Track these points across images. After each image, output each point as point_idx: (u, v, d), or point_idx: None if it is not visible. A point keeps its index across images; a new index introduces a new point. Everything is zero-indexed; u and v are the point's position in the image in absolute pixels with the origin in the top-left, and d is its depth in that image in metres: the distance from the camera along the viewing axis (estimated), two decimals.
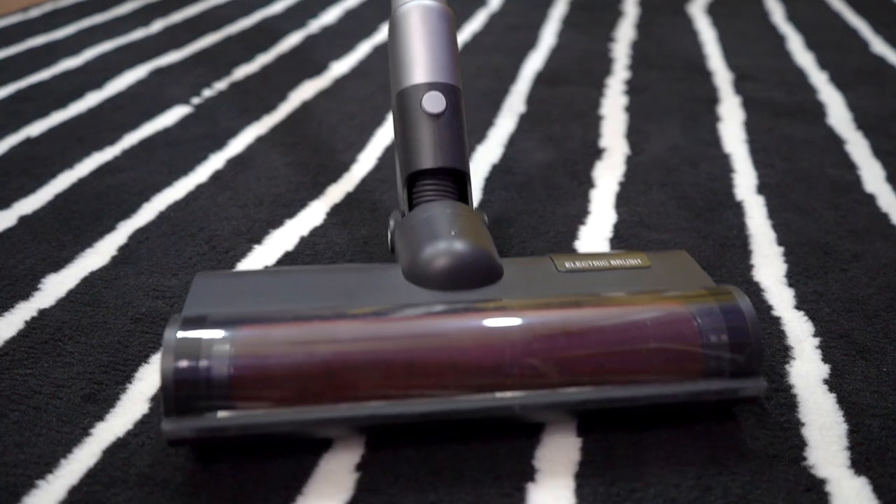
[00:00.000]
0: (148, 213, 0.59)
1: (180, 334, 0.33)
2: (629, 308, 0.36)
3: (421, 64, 0.44)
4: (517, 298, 0.36)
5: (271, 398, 0.33)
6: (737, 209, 0.60)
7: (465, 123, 0.43)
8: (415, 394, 0.34)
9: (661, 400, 0.35)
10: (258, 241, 0.55)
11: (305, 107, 0.81)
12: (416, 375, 0.34)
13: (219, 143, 0.71)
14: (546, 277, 0.39)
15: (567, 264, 0.40)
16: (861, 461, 0.36)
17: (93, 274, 0.51)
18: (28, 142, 0.72)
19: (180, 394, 0.32)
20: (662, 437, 0.38)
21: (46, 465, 0.36)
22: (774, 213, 0.59)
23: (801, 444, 0.37)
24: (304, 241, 0.55)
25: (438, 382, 0.34)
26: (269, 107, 0.80)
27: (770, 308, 0.48)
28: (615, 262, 0.41)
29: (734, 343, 0.36)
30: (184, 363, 0.33)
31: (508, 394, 0.34)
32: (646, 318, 0.35)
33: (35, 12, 1.17)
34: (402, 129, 0.44)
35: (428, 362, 0.34)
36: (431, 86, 0.44)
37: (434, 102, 0.43)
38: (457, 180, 0.44)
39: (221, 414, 0.32)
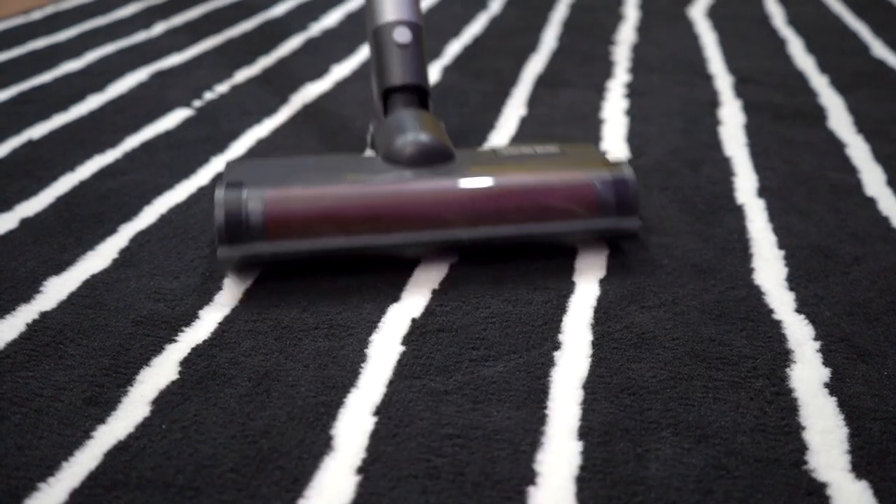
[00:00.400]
0: (149, 215, 0.59)
1: (227, 193, 0.48)
2: (548, 172, 0.52)
3: (391, 6, 0.58)
4: (463, 169, 0.52)
5: (291, 235, 0.49)
6: (737, 212, 0.60)
7: (425, 51, 0.59)
8: (392, 230, 0.50)
9: (571, 230, 0.52)
10: None
11: (306, 110, 0.81)
12: (393, 218, 0.50)
13: (220, 146, 0.72)
14: (487, 159, 0.54)
15: (503, 152, 0.55)
16: (862, 465, 0.36)
17: (94, 276, 0.51)
18: (30, 144, 0.72)
19: (229, 231, 0.48)
20: (664, 440, 0.38)
21: (48, 467, 0.36)
22: (775, 216, 0.59)
23: (801, 447, 0.37)
24: None
25: (409, 223, 0.50)
26: (271, 109, 0.80)
27: (771, 311, 0.48)
28: (538, 149, 0.56)
29: (618, 194, 0.52)
30: (231, 211, 0.48)
31: (460, 230, 0.51)
32: (559, 178, 0.52)
33: (37, 14, 1.17)
34: (377, 56, 0.58)
35: (401, 209, 0.50)
36: (400, 23, 0.58)
37: (402, 35, 0.57)
38: (420, 95, 0.57)
39: (256, 245, 0.49)
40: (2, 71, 0.92)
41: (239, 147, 0.71)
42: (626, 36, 1.09)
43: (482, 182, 0.51)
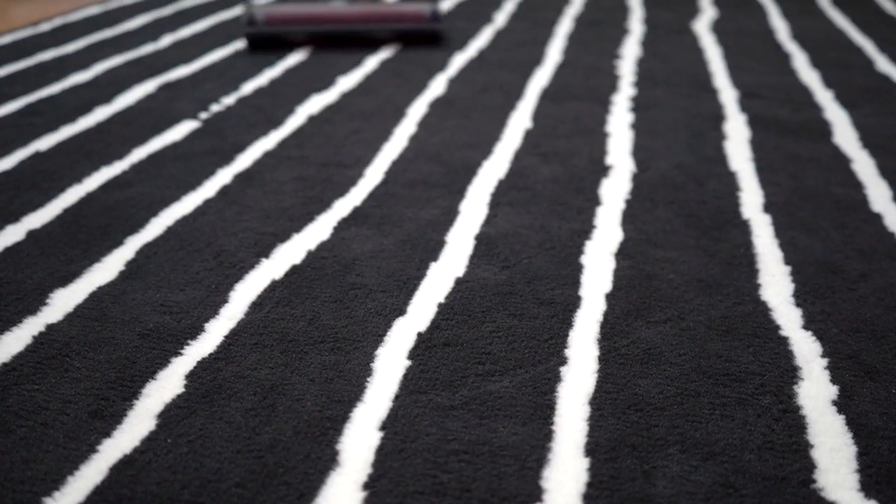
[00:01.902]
0: (156, 227, 0.59)
1: (249, 6, 1.07)
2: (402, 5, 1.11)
3: None
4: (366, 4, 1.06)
5: (279, 24, 1.06)
6: (743, 227, 0.60)
7: None
8: (327, 24, 1.07)
9: (410, 29, 1.09)
10: (266, 255, 0.55)
11: (312, 121, 0.81)
12: (327, 20, 1.07)
13: (226, 158, 0.72)
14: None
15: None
16: (871, 484, 0.36)
17: (100, 289, 0.51)
18: (37, 156, 0.72)
19: (249, 20, 1.05)
20: (672, 458, 0.38)
21: (53, 482, 0.36)
22: (781, 231, 0.59)
23: (810, 466, 0.37)
24: (311, 255, 0.55)
25: (334, 22, 1.07)
26: (277, 121, 0.81)
27: (778, 328, 0.48)
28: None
29: (433, 14, 1.09)
30: (250, 12, 1.06)
31: (358, 26, 1.08)
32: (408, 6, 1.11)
33: (45, 27, 1.18)
34: None
35: (330, 16, 1.07)
36: None
37: None
38: None
39: (262, 27, 1.06)
40: (10, 82, 0.92)
41: (245, 159, 0.71)
42: (630, 50, 1.10)
43: (372, 7, 1.04)
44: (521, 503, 0.35)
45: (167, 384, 0.42)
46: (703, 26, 1.23)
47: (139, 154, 0.72)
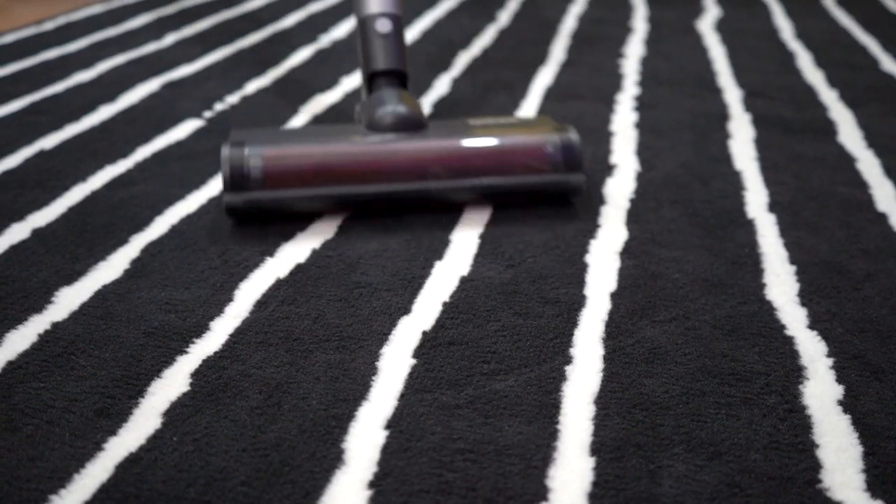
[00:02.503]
0: (160, 226, 0.59)
1: (232, 149, 0.57)
2: (505, 136, 0.61)
3: (375, 0, 0.67)
4: (434, 134, 0.61)
5: (285, 185, 0.58)
6: (748, 227, 0.60)
7: (404, 40, 0.66)
8: (373, 181, 0.59)
9: (526, 183, 0.60)
10: (270, 254, 0.55)
11: (316, 121, 0.81)
12: (372, 171, 0.58)
13: None
14: (456, 128, 0.62)
15: (470, 121, 0.64)
16: (877, 484, 0.36)
17: (105, 287, 0.51)
18: (42, 154, 0.72)
19: (234, 181, 0.57)
20: (677, 457, 0.38)
21: (59, 479, 0.36)
22: (786, 231, 0.59)
23: (815, 466, 0.37)
24: (316, 254, 0.55)
25: (386, 176, 0.59)
26: (281, 121, 0.81)
27: (783, 327, 0.48)
28: (500, 120, 0.64)
29: (566, 154, 0.60)
30: (235, 164, 0.57)
31: (429, 182, 0.59)
32: (514, 140, 0.61)
33: (49, 25, 1.18)
34: (363, 44, 0.66)
35: (379, 164, 0.59)
36: (382, 14, 0.66)
37: (384, 26, 0.65)
38: (400, 78, 0.65)
39: (255, 193, 0.57)
40: (14, 81, 0.92)
41: None
42: (634, 49, 1.09)
43: (448, 143, 0.60)
44: (526, 502, 0.35)
45: (173, 382, 0.42)
46: (707, 25, 1.23)
47: (143, 153, 0.73)
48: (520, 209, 0.62)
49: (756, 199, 0.64)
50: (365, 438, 0.39)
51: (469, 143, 0.60)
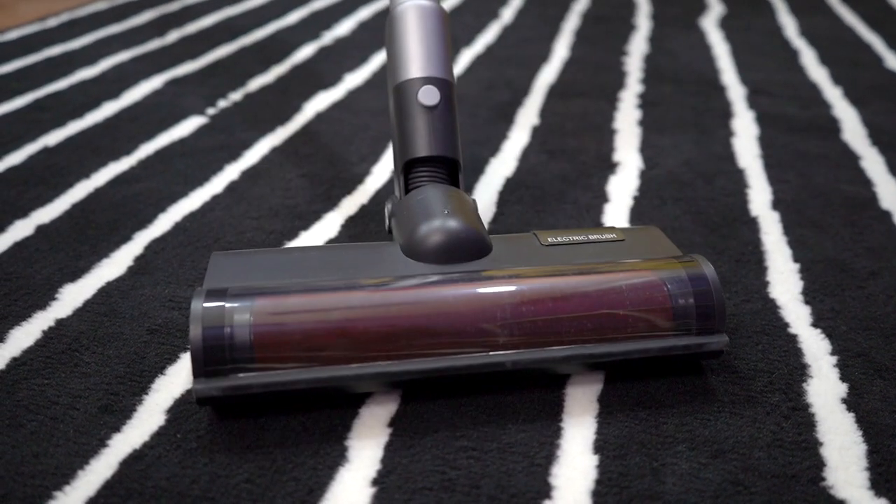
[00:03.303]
0: (164, 223, 0.59)
1: (206, 305, 0.37)
2: (607, 275, 0.41)
3: (417, 59, 0.48)
4: (505, 269, 0.41)
5: (287, 360, 0.37)
6: (752, 225, 0.60)
7: (457, 115, 0.48)
8: (416, 354, 0.38)
9: (637, 354, 0.40)
10: None
11: (320, 118, 0.81)
12: (416, 338, 0.38)
13: (234, 154, 0.72)
14: (531, 251, 0.44)
15: (549, 239, 0.45)
16: (881, 482, 0.36)
17: (109, 284, 0.51)
18: (45, 151, 0.72)
19: (208, 358, 0.36)
20: (680, 455, 0.37)
21: (64, 476, 0.36)
22: (790, 229, 0.59)
23: (819, 464, 0.37)
24: None
25: (437, 343, 0.38)
26: (284, 118, 0.81)
27: (787, 325, 0.48)
28: (592, 237, 0.46)
29: (699, 305, 0.40)
30: (210, 330, 0.37)
31: (501, 352, 0.39)
32: (622, 284, 0.40)
33: (52, 22, 1.18)
34: (399, 119, 0.48)
35: (426, 326, 0.38)
36: (426, 80, 0.48)
37: (429, 95, 0.47)
38: (449, 167, 0.48)
39: (244, 375, 0.37)
40: (18, 78, 0.92)
41: (253, 156, 0.72)
42: (638, 46, 1.09)
43: (531, 288, 0.39)
44: (530, 500, 0.35)
45: (176, 379, 0.42)
46: (710, 23, 1.23)
47: (147, 150, 0.73)
48: (520, 207, 0.62)
49: (759, 197, 0.64)
50: (368, 436, 0.39)
51: (555, 287, 0.40)
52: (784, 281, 0.52)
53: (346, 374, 0.37)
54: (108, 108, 0.83)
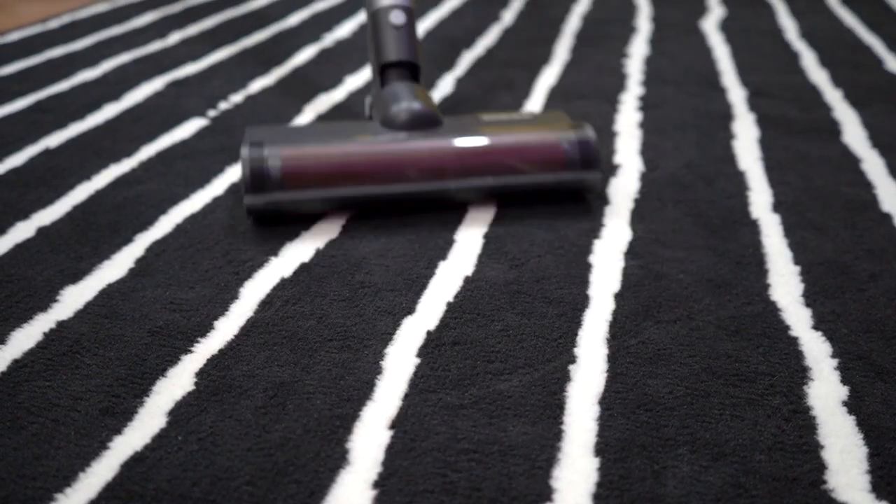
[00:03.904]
0: (165, 225, 0.59)
1: (251, 150, 0.58)
2: (520, 133, 0.61)
3: None
4: (450, 132, 0.61)
5: (305, 186, 0.58)
6: (752, 227, 0.60)
7: (416, 32, 0.67)
8: (392, 181, 0.59)
9: (541, 181, 0.61)
10: (275, 253, 0.55)
11: (320, 119, 0.81)
12: (391, 171, 0.59)
13: (235, 156, 0.72)
14: (471, 124, 0.63)
15: (485, 118, 0.65)
16: (882, 485, 0.36)
17: (110, 286, 0.51)
18: (47, 153, 0.72)
19: (254, 183, 0.57)
20: (681, 458, 0.38)
21: (65, 478, 0.36)
22: (790, 231, 0.59)
23: (820, 467, 0.37)
24: (320, 254, 0.55)
25: (404, 175, 0.59)
26: (285, 120, 0.81)
27: (787, 328, 0.48)
28: (515, 116, 0.65)
29: (581, 151, 0.61)
30: (255, 163, 0.57)
31: (447, 182, 0.59)
32: (530, 137, 0.61)
33: (54, 24, 1.18)
34: (374, 35, 0.66)
35: (397, 164, 0.59)
36: (395, 6, 0.66)
37: (397, 17, 0.65)
38: (412, 70, 0.66)
39: (276, 193, 0.57)
40: (19, 79, 0.93)
41: None
42: (638, 48, 1.09)
43: (465, 141, 0.60)
44: (530, 503, 0.35)
45: (177, 382, 0.42)
46: (711, 25, 1.23)
47: (148, 151, 0.73)
48: (525, 208, 0.62)
49: (760, 199, 0.64)
50: (369, 438, 0.39)
51: (485, 141, 0.60)
52: (785, 283, 0.52)
53: (346, 194, 0.58)
54: (110, 110, 0.83)
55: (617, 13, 1.31)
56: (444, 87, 0.91)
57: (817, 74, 0.98)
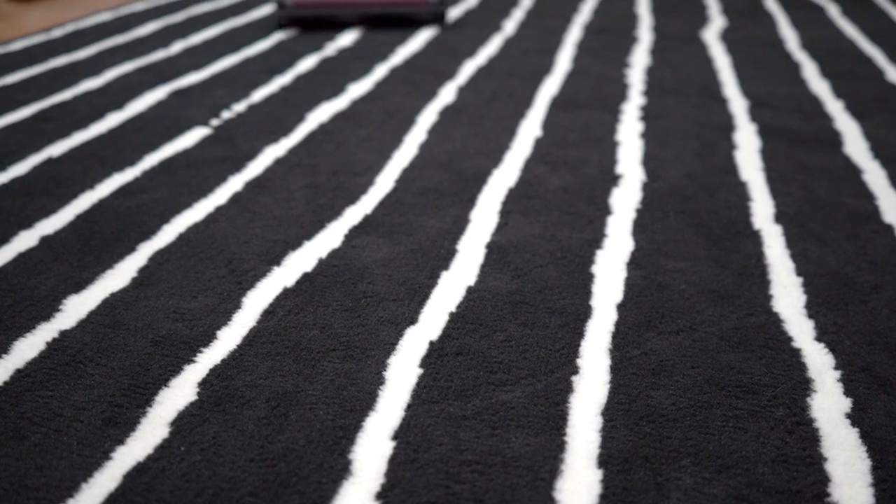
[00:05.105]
0: (168, 234, 0.59)
1: None
2: None
3: None
4: None
5: (308, 7, 1.20)
6: (755, 238, 0.60)
7: None
8: (343, 9, 1.24)
9: (403, 10, 1.21)
10: (277, 262, 0.56)
11: (323, 129, 0.81)
12: (344, 5, 1.21)
13: (238, 165, 0.72)
14: None
15: None
16: (886, 499, 0.36)
17: (113, 295, 0.51)
18: (49, 161, 0.72)
19: (280, 4, 1.20)
20: (685, 470, 0.37)
21: (67, 489, 0.36)
22: (793, 242, 0.59)
23: (824, 479, 0.37)
24: (322, 264, 0.55)
25: (350, 7, 1.20)
26: (287, 129, 0.81)
27: (790, 339, 0.48)
28: None
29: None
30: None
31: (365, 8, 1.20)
32: None
33: (57, 33, 1.19)
34: None
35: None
36: None
37: None
38: None
39: (289, 10, 1.20)
40: (23, 88, 0.93)
41: (256, 167, 0.72)
42: (640, 59, 1.10)
43: None
44: None
45: (180, 392, 0.42)
46: (712, 35, 1.23)
47: (151, 161, 0.73)
48: (525, 218, 0.62)
49: (762, 210, 0.64)
50: (372, 449, 0.39)
51: None
52: (787, 294, 0.52)
53: (319, 13, 1.16)
54: (113, 119, 0.83)
55: (618, 23, 1.31)
56: (445, 96, 0.92)
57: (818, 85, 0.98)
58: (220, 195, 0.66)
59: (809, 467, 0.38)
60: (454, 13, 1.37)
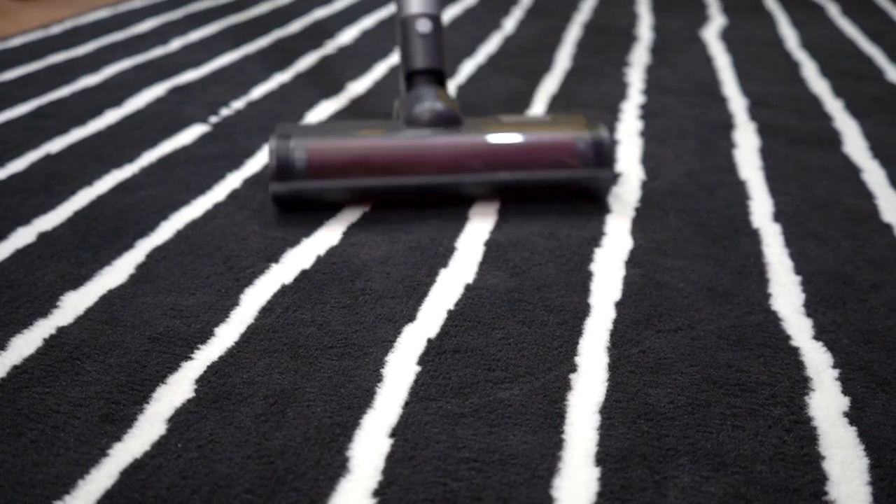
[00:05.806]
0: (166, 231, 0.59)
1: (279, 141, 0.61)
2: (538, 132, 0.64)
3: (416, 0, 0.69)
4: (469, 130, 0.63)
5: (328, 176, 0.61)
6: (754, 237, 0.60)
7: (443, 40, 0.71)
8: (410, 174, 0.62)
9: (557, 177, 0.63)
10: (276, 259, 0.55)
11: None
12: (409, 164, 0.61)
13: (236, 162, 0.72)
14: (490, 124, 0.65)
15: (504, 118, 0.66)
16: (883, 497, 0.36)
17: (111, 292, 0.51)
18: (48, 158, 0.72)
19: (280, 171, 0.60)
20: (682, 468, 0.37)
21: (64, 485, 0.36)
22: (791, 241, 0.59)
23: (821, 478, 0.37)
24: (321, 261, 0.55)
25: (423, 168, 0.61)
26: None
27: (788, 338, 0.48)
28: (532, 118, 0.67)
29: (596, 150, 0.63)
30: (281, 153, 0.60)
31: (464, 175, 0.62)
32: (547, 136, 0.63)
33: (56, 29, 1.19)
34: (403, 43, 0.68)
35: (416, 157, 0.61)
36: (422, 15, 0.68)
37: (424, 26, 0.68)
38: (438, 77, 0.67)
39: (299, 181, 0.60)
40: (21, 85, 0.93)
41: (255, 164, 0.72)
42: (639, 57, 1.10)
43: (484, 137, 0.63)
44: None
45: (177, 388, 0.42)
46: (712, 34, 1.23)
47: (149, 157, 0.73)
48: (527, 216, 0.62)
49: (761, 209, 0.64)
50: (369, 446, 0.38)
51: (503, 137, 0.63)
52: (786, 293, 0.52)
53: (365, 184, 0.61)
54: (111, 116, 0.83)
55: (618, 21, 1.31)
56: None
57: (818, 84, 0.98)
58: (219, 192, 0.66)
59: (807, 466, 0.38)
60: (452, 11, 1.36)
